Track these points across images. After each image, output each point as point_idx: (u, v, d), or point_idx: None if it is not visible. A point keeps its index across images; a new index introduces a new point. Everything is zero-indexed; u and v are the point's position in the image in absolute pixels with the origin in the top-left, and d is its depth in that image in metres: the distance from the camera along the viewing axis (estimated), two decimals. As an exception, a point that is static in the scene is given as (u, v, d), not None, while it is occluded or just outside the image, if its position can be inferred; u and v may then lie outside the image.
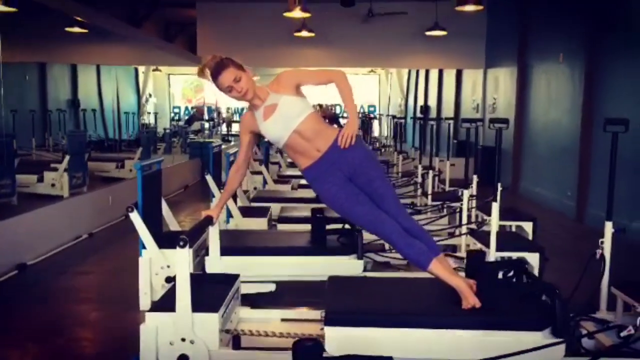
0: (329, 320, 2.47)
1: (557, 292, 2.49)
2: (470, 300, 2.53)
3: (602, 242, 3.15)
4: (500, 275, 2.81)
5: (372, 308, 2.62)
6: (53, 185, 6.96)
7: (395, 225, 2.71)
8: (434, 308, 2.63)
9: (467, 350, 2.45)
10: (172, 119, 17.13)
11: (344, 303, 2.65)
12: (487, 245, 3.77)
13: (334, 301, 2.65)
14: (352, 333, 2.43)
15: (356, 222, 2.88)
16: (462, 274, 2.81)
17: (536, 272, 3.73)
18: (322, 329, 2.49)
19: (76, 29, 7.98)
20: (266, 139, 3.02)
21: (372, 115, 17.74)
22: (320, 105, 16.60)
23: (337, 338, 2.40)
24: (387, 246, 4.09)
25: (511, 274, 2.79)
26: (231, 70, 2.70)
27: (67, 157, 6.94)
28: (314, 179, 2.83)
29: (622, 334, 2.43)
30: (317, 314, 2.88)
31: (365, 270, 3.70)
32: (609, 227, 3.16)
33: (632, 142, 2.27)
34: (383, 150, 12.77)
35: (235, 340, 2.82)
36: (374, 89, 20.71)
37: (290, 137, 2.76)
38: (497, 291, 2.61)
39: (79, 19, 7.32)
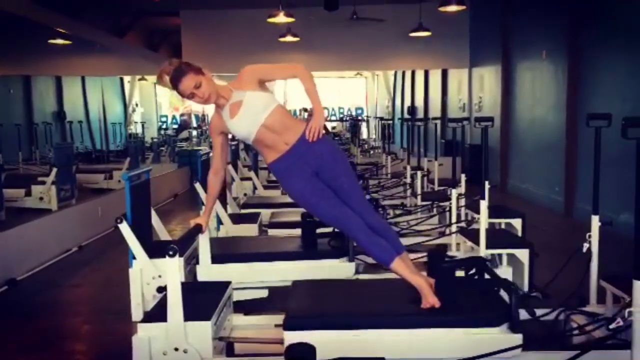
0: (288, 325, 2.48)
1: (513, 287, 2.51)
2: (429, 299, 2.55)
3: (589, 236, 3.18)
4: (463, 273, 2.83)
5: (330, 311, 2.63)
6: (41, 198, 6.89)
7: (360, 222, 2.72)
8: (392, 308, 2.64)
9: (425, 349, 2.47)
10: (159, 128, 17.06)
11: (304, 307, 2.66)
12: (477, 243, 3.79)
13: (294, 305, 2.66)
14: (311, 337, 2.41)
15: (321, 217, 2.85)
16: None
17: (526, 268, 3.76)
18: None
19: (59, 41, 7.94)
20: (235, 137, 3.00)
21: (359, 118, 17.79)
22: (306, 109, 16.61)
23: (296, 342, 2.40)
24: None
25: (473, 271, 2.81)
26: (190, 77, 2.67)
27: (55, 170, 6.88)
28: (281, 172, 2.82)
29: (611, 326, 2.45)
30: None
31: (357, 272, 3.71)
32: (595, 221, 3.19)
33: (618, 137, 2.30)
34: (372, 152, 12.81)
35: (228, 348, 2.82)
36: (361, 91, 20.79)
37: (259, 132, 2.75)
38: (455, 289, 2.63)
39: (62, 30, 7.30)
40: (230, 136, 3.17)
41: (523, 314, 2.98)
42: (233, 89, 2.78)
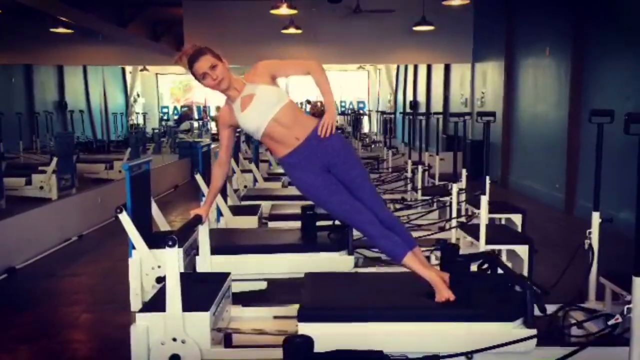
0: (302, 316, 2.48)
1: (528, 283, 2.51)
2: (443, 293, 2.54)
3: (589, 233, 3.18)
4: (475, 268, 2.82)
5: (345, 304, 2.63)
6: (41, 187, 6.90)
7: (371, 216, 2.71)
8: (406, 302, 2.64)
9: (440, 342, 2.46)
10: (161, 119, 17.05)
11: (318, 299, 2.66)
12: (477, 238, 3.79)
13: (309, 297, 2.66)
14: (326, 329, 2.41)
15: (332, 211, 2.84)
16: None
17: (525, 264, 3.76)
18: (297, 325, 2.50)
19: (61, 30, 7.91)
20: (244, 131, 3.00)
21: (361, 112, 17.75)
22: (309, 102, 16.58)
23: (311, 334, 2.39)
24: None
25: (485, 266, 2.81)
26: (208, 58, 2.70)
27: (55, 159, 6.89)
28: (292, 167, 2.81)
29: (609, 323, 2.45)
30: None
31: (356, 266, 3.71)
32: (596, 218, 3.19)
33: (620, 134, 2.29)
34: (373, 146, 12.79)
35: (227, 339, 2.82)
36: (363, 85, 20.76)
37: (268, 125, 2.74)
38: (469, 283, 2.63)
39: (64, 19, 7.27)
40: None
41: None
42: (247, 82, 2.79)
